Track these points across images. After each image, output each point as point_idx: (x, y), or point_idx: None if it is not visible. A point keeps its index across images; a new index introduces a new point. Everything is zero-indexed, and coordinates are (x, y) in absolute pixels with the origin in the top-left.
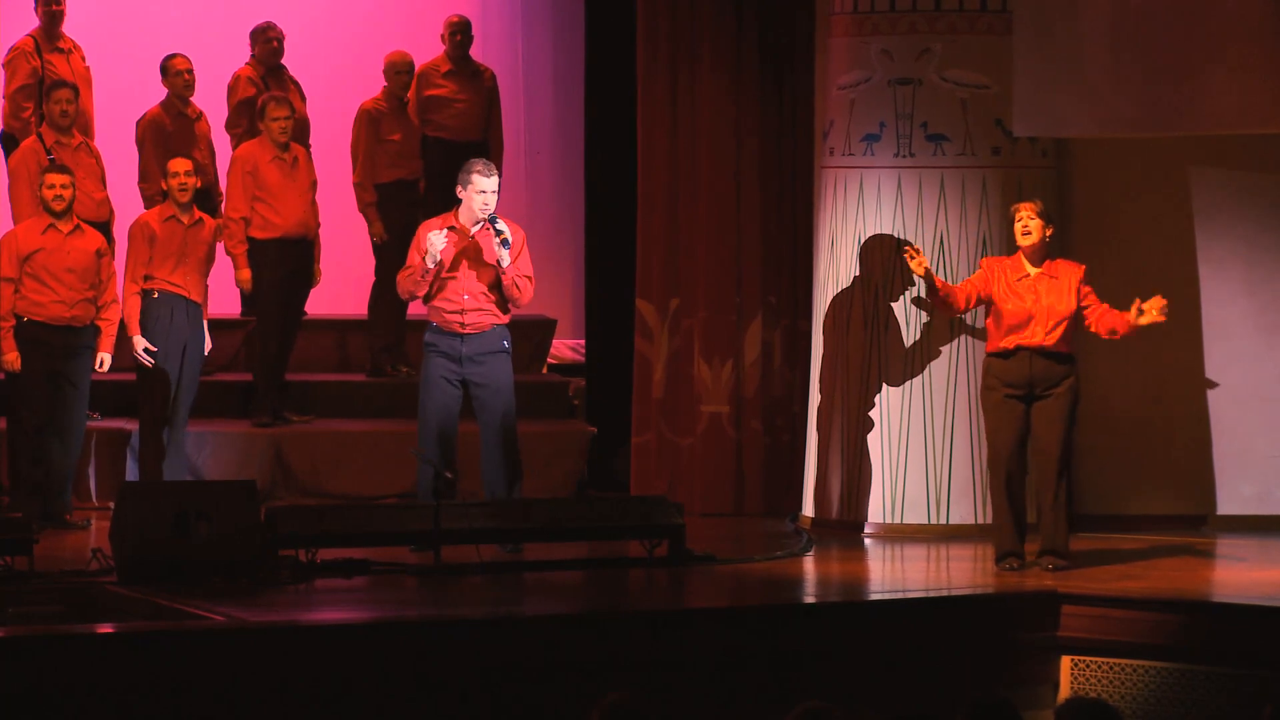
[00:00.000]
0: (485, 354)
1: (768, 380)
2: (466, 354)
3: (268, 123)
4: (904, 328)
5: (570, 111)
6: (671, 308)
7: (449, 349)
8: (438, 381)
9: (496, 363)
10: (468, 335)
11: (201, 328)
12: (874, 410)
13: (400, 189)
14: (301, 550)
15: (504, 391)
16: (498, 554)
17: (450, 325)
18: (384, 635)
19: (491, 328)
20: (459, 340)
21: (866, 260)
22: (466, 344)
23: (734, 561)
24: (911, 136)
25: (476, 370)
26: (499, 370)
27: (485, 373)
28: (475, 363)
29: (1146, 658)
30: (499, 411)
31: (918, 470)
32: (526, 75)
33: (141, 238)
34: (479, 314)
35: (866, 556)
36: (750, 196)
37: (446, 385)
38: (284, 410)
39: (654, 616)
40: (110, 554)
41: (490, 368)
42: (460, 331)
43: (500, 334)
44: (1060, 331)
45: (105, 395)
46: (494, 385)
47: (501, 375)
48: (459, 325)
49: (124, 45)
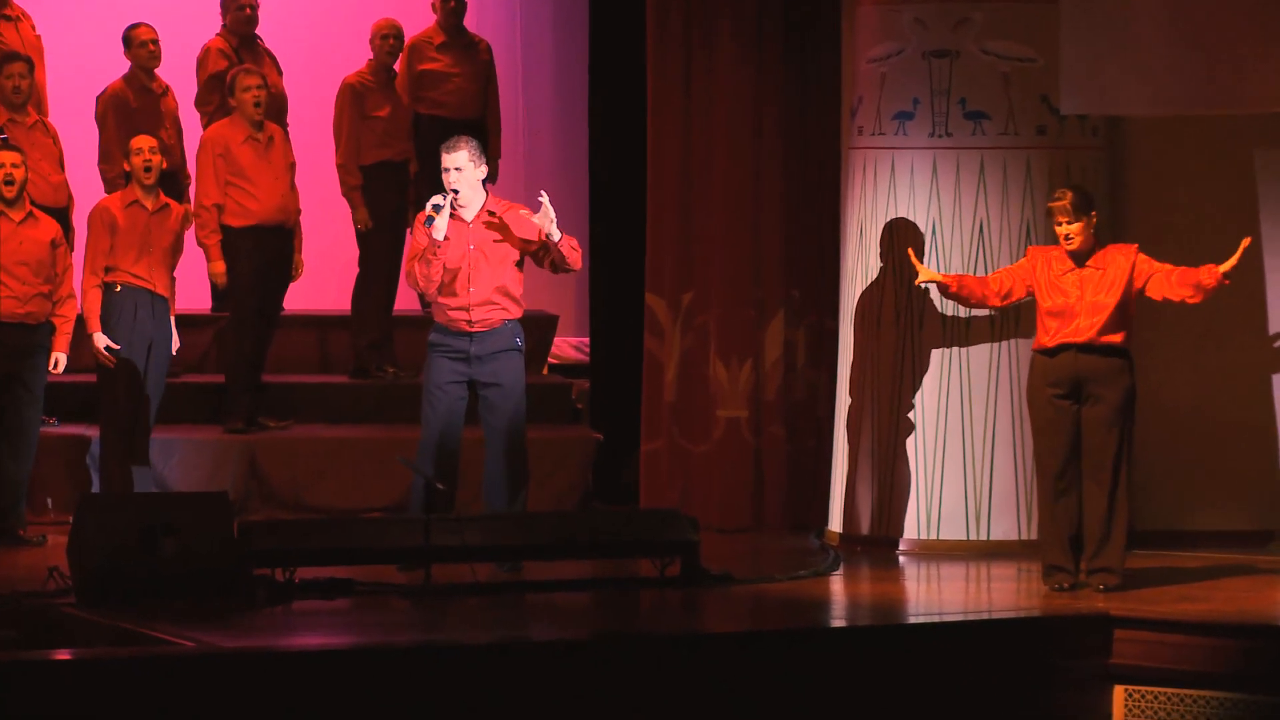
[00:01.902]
0: (496, 352)
1: (790, 382)
2: (475, 353)
3: (239, 96)
4: (940, 324)
5: (573, 88)
6: (684, 303)
7: (456, 349)
8: (443, 386)
9: (507, 361)
10: (477, 334)
11: (168, 324)
12: (907, 415)
13: (387, 171)
14: (279, 569)
15: (515, 393)
16: (495, 573)
17: (457, 324)
18: (370, 662)
19: (503, 324)
20: (467, 340)
21: (898, 250)
22: (476, 343)
23: (753, 581)
24: (948, 114)
25: (486, 369)
26: (510, 369)
27: (495, 372)
28: (484, 362)
29: (1207, 687)
30: (508, 414)
31: (956, 480)
32: (525, 49)
33: (102, 225)
34: (488, 310)
35: (899, 576)
36: (770, 181)
37: (453, 389)
38: (259, 415)
39: (666, 641)
40: (68, 573)
41: (500, 367)
42: (468, 330)
43: (512, 331)
44: (1106, 324)
45: (62, 398)
46: (505, 385)
47: (513, 375)
48: (466, 323)
49: (80, 13)
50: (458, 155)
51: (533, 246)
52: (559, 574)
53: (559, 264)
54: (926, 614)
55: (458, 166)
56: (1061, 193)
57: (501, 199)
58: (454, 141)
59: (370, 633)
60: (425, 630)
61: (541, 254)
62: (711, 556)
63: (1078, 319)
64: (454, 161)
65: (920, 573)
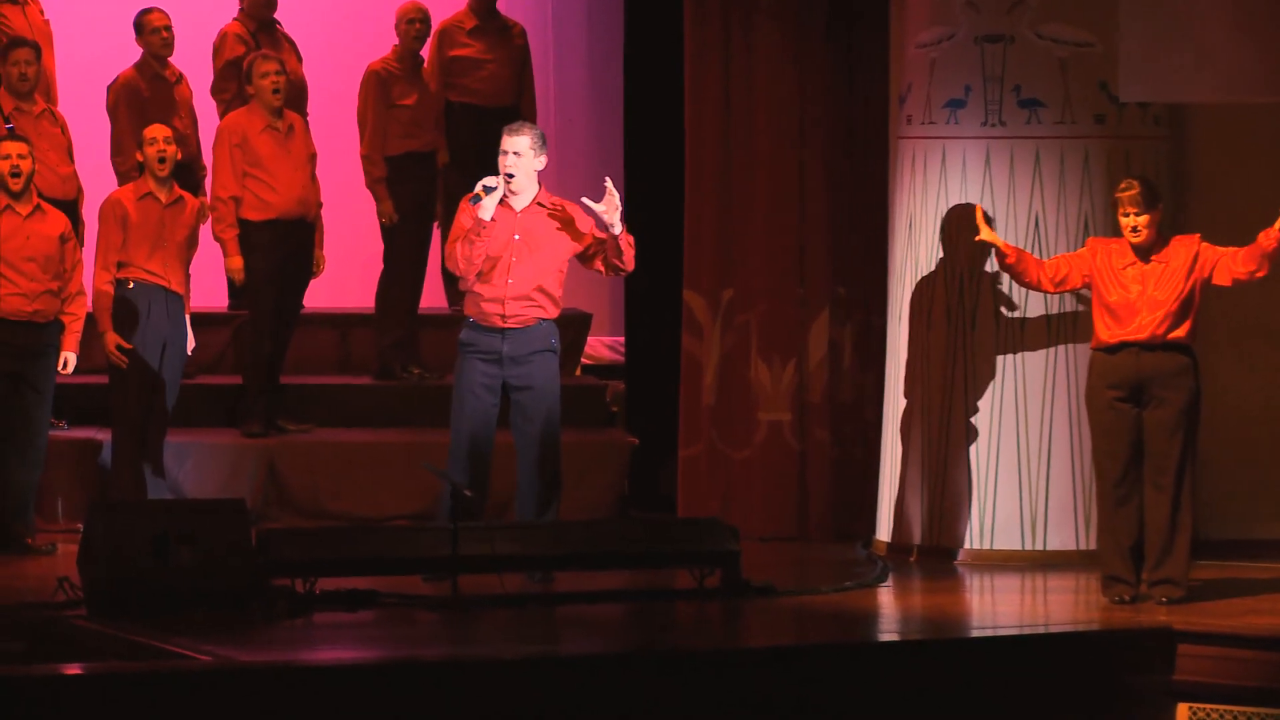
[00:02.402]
0: (530, 353)
1: (836, 383)
2: (508, 353)
3: (257, 82)
4: (994, 322)
5: (607, 74)
6: (724, 300)
7: (487, 348)
8: (474, 389)
9: (542, 363)
10: (509, 331)
11: (183, 323)
12: (959, 418)
13: (413, 162)
14: (299, 579)
15: (548, 396)
16: (525, 584)
17: (489, 319)
18: (394, 678)
19: (537, 323)
20: (499, 337)
21: (950, 245)
22: (508, 341)
23: (797, 593)
24: (1002, 102)
25: (518, 371)
26: (544, 371)
27: (528, 374)
28: (518, 363)
29: (1275, 705)
30: (540, 418)
31: (1010, 487)
32: (557, 33)
33: (113, 219)
34: (523, 305)
35: (951, 587)
36: (814, 172)
37: (483, 393)
38: (278, 418)
39: (705, 657)
40: (78, 583)
41: (534, 369)
42: (500, 326)
43: (547, 331)
44: (1169, 320)
45: (72, 400)
46: (538, 388)
47: (546, 377)
48: (499, 318)
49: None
50: (519, 139)
51: (583, 244)
52: (592, 585)
53: (612, 261)
54: (980, 628)
55: (517, 151)
56: (1129, 183)
57: (554, 195)
58: (518, 125)
59: (395, 647)
60: (452, 644)
61: (593, 251)
62: (753, 567)
63: (1139, 315)
64: (514, 145)
65: (973, 584)
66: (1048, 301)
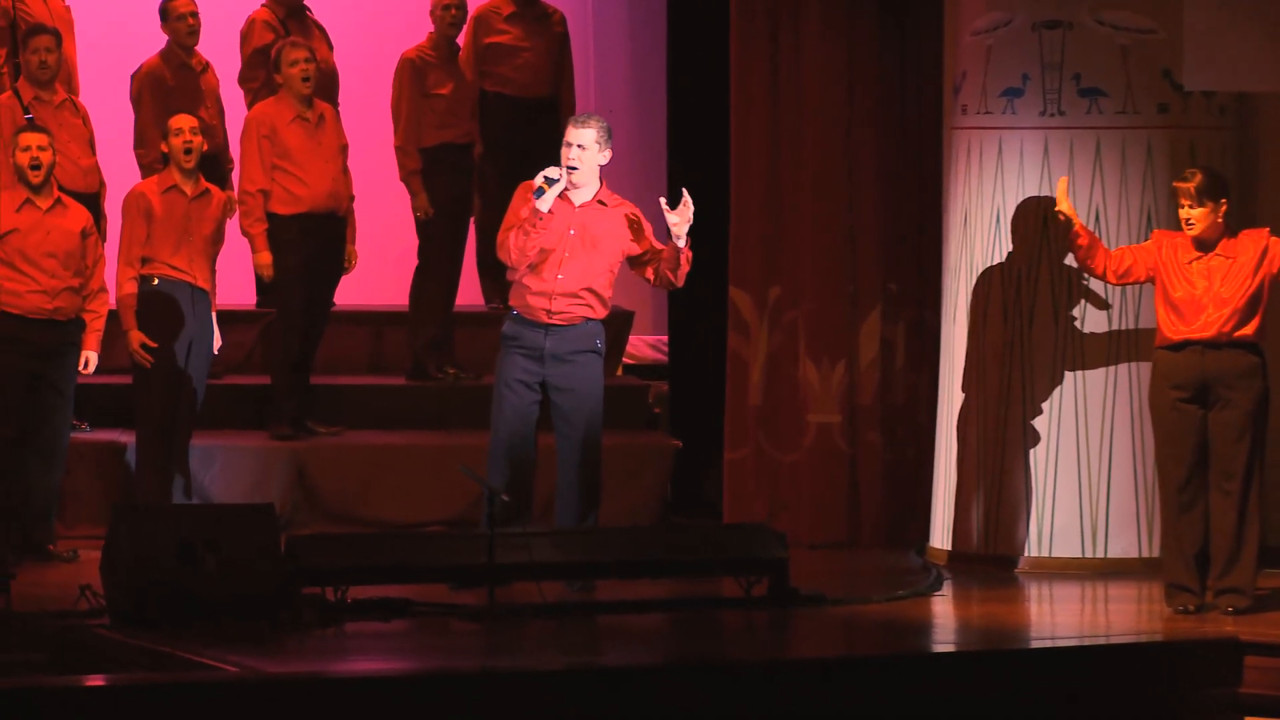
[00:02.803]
0: (573, 353)
1: (888, 384)
2: (551, 351)
3: (285, 71)
4: (1052, 320)
5: (650, 64)
6: (771, 298)
7: (530, 344)
8: (514, 385)
9: (585, 364)
10: (554, 328)
11: (209, 320)
12: (1017, 420)
13: (449, 154)
14: (329, 587)
15: (590, 399)
16: (564, 593)
17: (534, 313)
18: (428, 690)
19: (583, 322)
20: (542, 333)
21: (1007, 240)
22: (551, 338)
23: (848, 602)
24: (1061, 91)
25: (560, 371)
26: (587, 373)
27: (570, 375)
28: (560, 361)
29: None
30: (582, 423)
31: (1070, 492)
32: (598, 19)
33: (137, 212)
34: (571, 302)
35: (1008, 597)
36: (865, 164)
37: (523, 390)
38: (308, 420)
39: (751, 668)
40: (101, 591)
41: (577, 369)
42: (545, 322)
43: (593, 331)
44: (1236, 317)
45: (94, 401)
46: (580, 390)
47: (589, 379)
48: (544, 313)
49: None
50: (585, 132)
51: (640, 249)
52: (634, 594)
53: (665, 273)
54: (1038, 638)
55: (581, 144)
56: (1191, 173)
57: (615, 194)
58: (584, 117)
59: (429, 657)
60: (489, 655)
61: (648, 258)
62: (802, 575)
63: (1205, 312)
64: (580, 138)
65: (1031, 593)
66: (1109, 297)
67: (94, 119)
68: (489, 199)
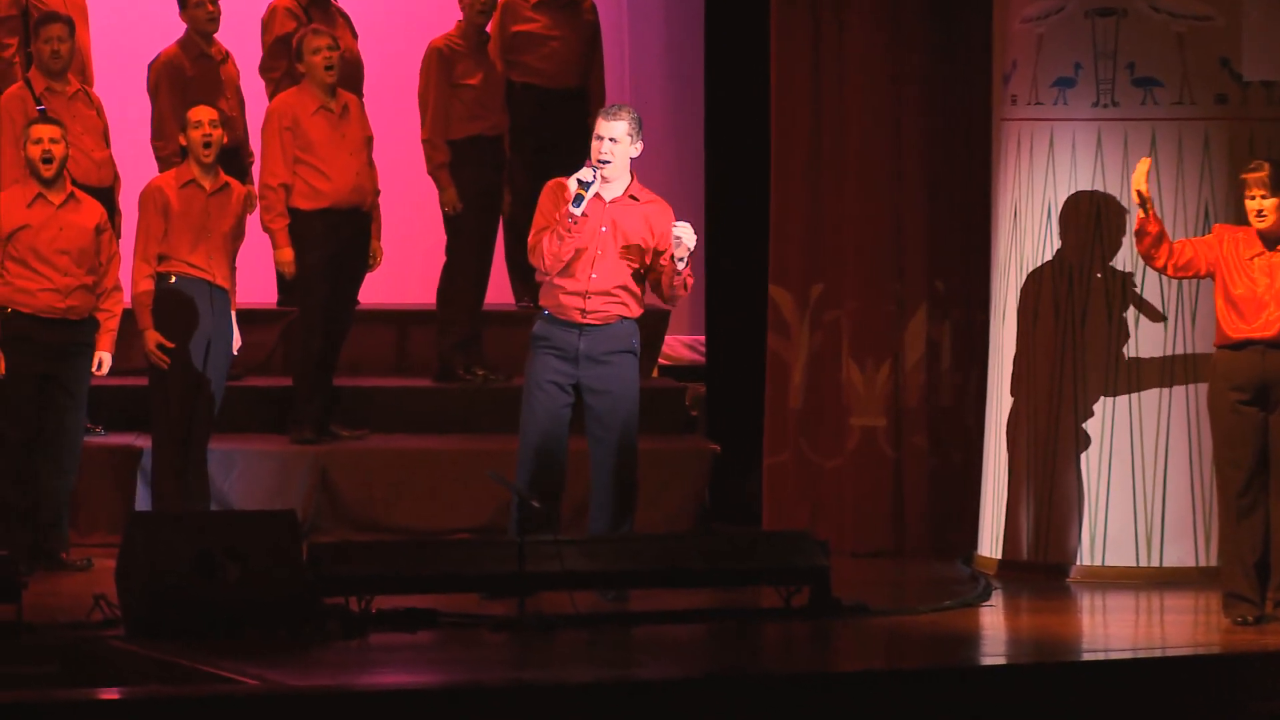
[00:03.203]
0: (608, 353)
1: (934, 385)
2: (585, 351)
3: (308, 59)
4: (1105, 319)
5: (687, 52)
6: (813, 296)
7: (563, 344)
8: (545, 386)
9: (620, 365)
10: (588, 327)
11: (229, 320)
12: (1068, 423)
13: (479, 147)
14: (353, 597)
15: (626, 401)
16: (598, 603)
17: (568, 313)
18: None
19: (619, 321)
20: (576, 333)
21: (1058, 235)
22: (585, 338)
23: (893, 613)
24: (1114, 81)
25: (595, 372)
26: (622, 374)
27: (605, 376)
28: (595, 362)
29: None
30: (617, 426)
31: (1124, 498)
32: (632, 6)
33: (154, 208)
34: (606, 301)
35: (1059, 607)
36: (912, 157)
37: (556, 391)
38: (331, 423)
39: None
40: (116, 601)
41: (612, 370)
42: (579, 322)
43: (628, 331)
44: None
45: (109, 404)
46: (615, 392)
47: (625, 381)
48: (579, 313)
49: None
50: (617, 125)
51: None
52: (670, 604)
53: (663, 287)
54: (1090, 651)
55: (614, 137)
56: (1259, 164)
57: (646, 187)
58: (615, 109)
59: (456, 670)
60: (519, 668)
61: (652, 262)
62: (844, 585)
63: (1266, 310)
64: (611, 130)
65: (1083, 604)
66: (1165, 295)
67: (109, 111)
68: (516, 195)
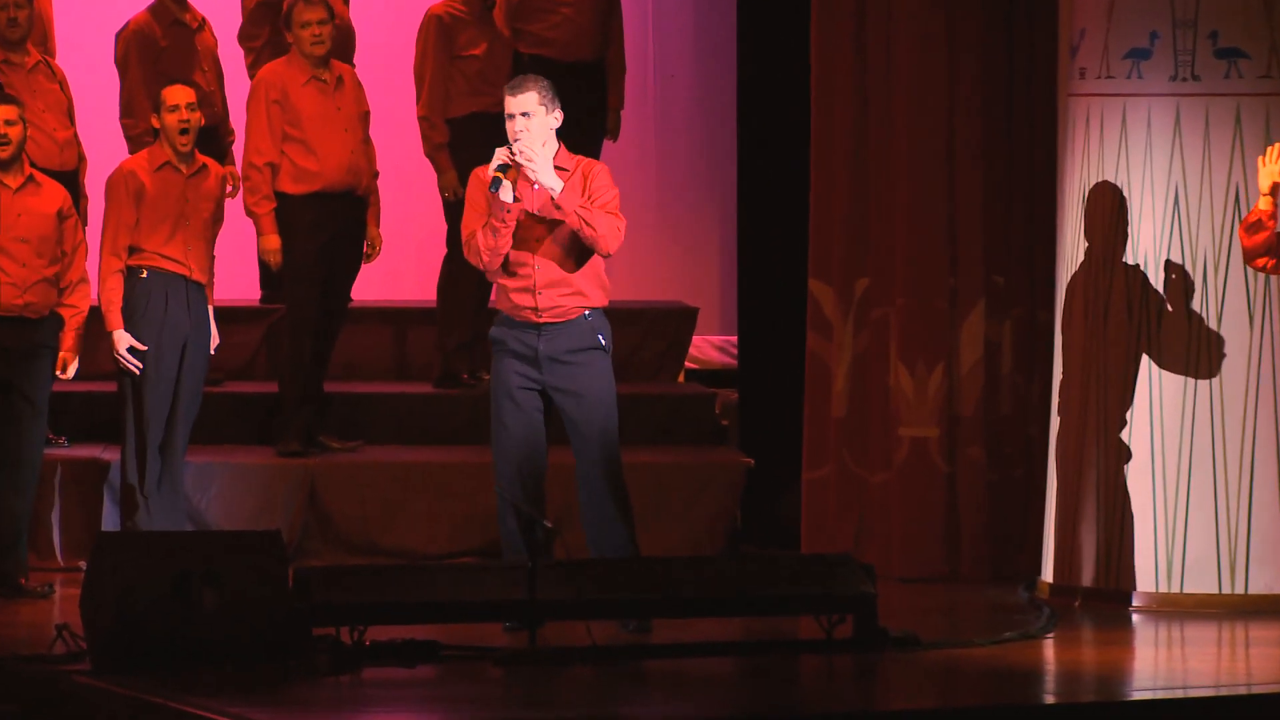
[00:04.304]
0: (571, 351)
1: (993, 392)
2: (545, 352)
3: (296, 31)
4: (1184, 318)
5: (717, 21)
6: (858, 291)
7: (522, 347)
8: (514, 393)
9: (587, 363)
10: (545, 326)
11: (206, 318)
12: (1142, 433)
13: (483, 124)
14: (345, 627)
15: (600, 404)
16: (616, 634)
17: (521, 313)
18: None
19: (580, 315)
20: (534, 333)
21: (1132, 224)
22: (545, 338)
23: (946, 645)
24: (1195, 52)
25: (561, 373)
26: (593, 372)
27: (573, 376)
28: (559, 363)
29: None
30: (595, 430)
31: (1204, 519)
32: None
33: (125, 193)
34: (560, 294)
35: (1131, 639)
36: (967, 138)
37: (526, 397)
38: (320, 433)
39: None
40: (81, 632)
41: (578, 370)
42: (535, 321)
43: (593, 324)
44: None
45: (73, 412)
46: (585, 394)
47: (595, 379)
48: (531, 312)
49: None
50: (525, 98)
51: None
52: (697, 636)
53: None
54: (1167, 688)
55: (525, 111)
56: None
57: (574, 154)
58: (519, 82)
59: (459, 709)
60: (528, 707)
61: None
62: (892, 614)
63: None
64: (521, 105)
65: (1158, 636)
66: (1251, 290)
67: (73, 84)
68: None
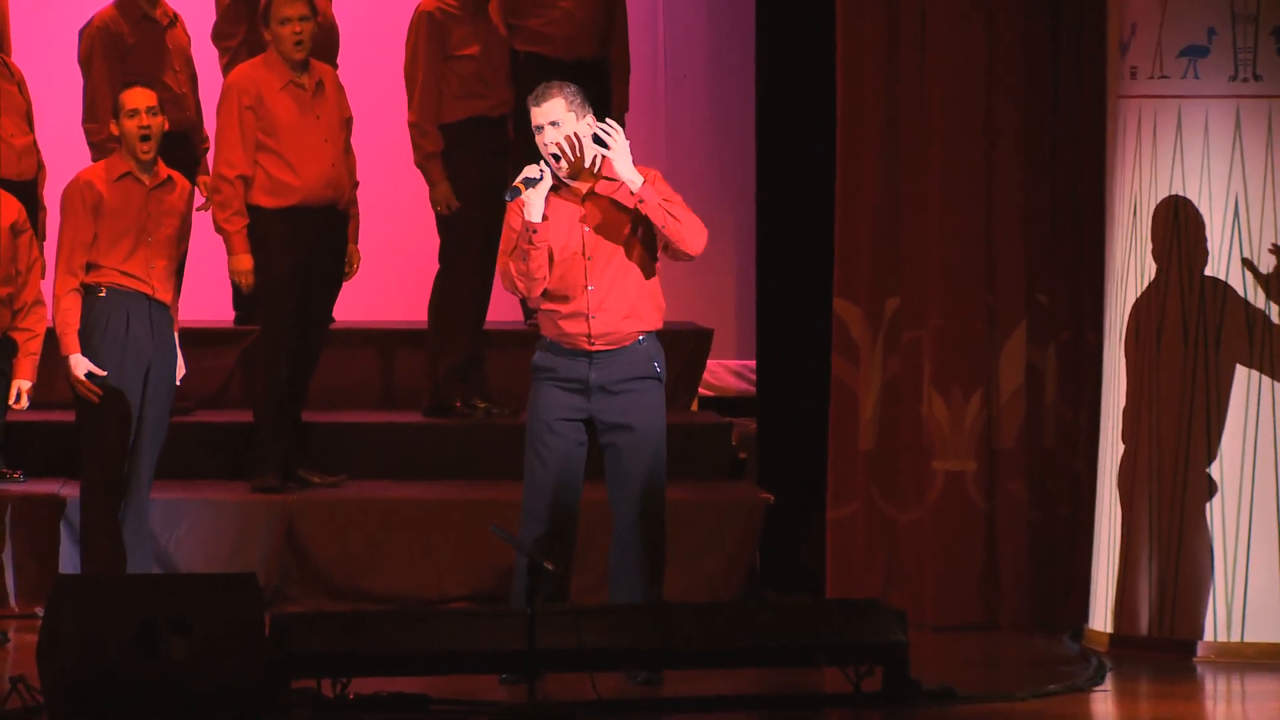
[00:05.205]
0: (625, 380)
1: (1036, 422)
2: (597, 381)
3: (275, 29)
4: (1245, 341)
5: (734, 17)
6: (888, 312)
7: (570, 375)
8: (554, 426)
9: (643, 394)
10: (598, 354)
11: (172, 342)
12: (1199, 468)
13: (478, 130)
14: (326, 679)
15: (651, 436)
16: (625, 686)
17: (574, 341)
18: None
19: (636, 340)
20: (585, 361)
21: (1187, 238)
22: (597, 367)
23: (985, 699)
24: (1256, 49)
25: (612, 405)
26: (646, 405)
27: (625, 407)
28: (609, 394)
29: None
30: (642, 469)
31: (1268, 561)
32: None
33: (82, 206)
34: (614, 318)
35: (1188, 693)
36: (1007, 144)
37: (568, 430)
38: (299, 467)
39: None
40: (38, 684)
41: (632, 401)
42: (587, 349)
43: (649, 351)
44: None
45: (29, 445)
46: (638, 426)
47: (649, 413)
48: (584, 339)
49: None
50: (549, 107)
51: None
52: (713, 689)
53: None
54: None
55: (553, 121)
56: None
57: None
58: (543, 90)
59: None
60: None
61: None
62: (926, 664)
63: None
64: (547, 115)
65: (1217, 689)
66: None
67: (31, 86)
68: None
